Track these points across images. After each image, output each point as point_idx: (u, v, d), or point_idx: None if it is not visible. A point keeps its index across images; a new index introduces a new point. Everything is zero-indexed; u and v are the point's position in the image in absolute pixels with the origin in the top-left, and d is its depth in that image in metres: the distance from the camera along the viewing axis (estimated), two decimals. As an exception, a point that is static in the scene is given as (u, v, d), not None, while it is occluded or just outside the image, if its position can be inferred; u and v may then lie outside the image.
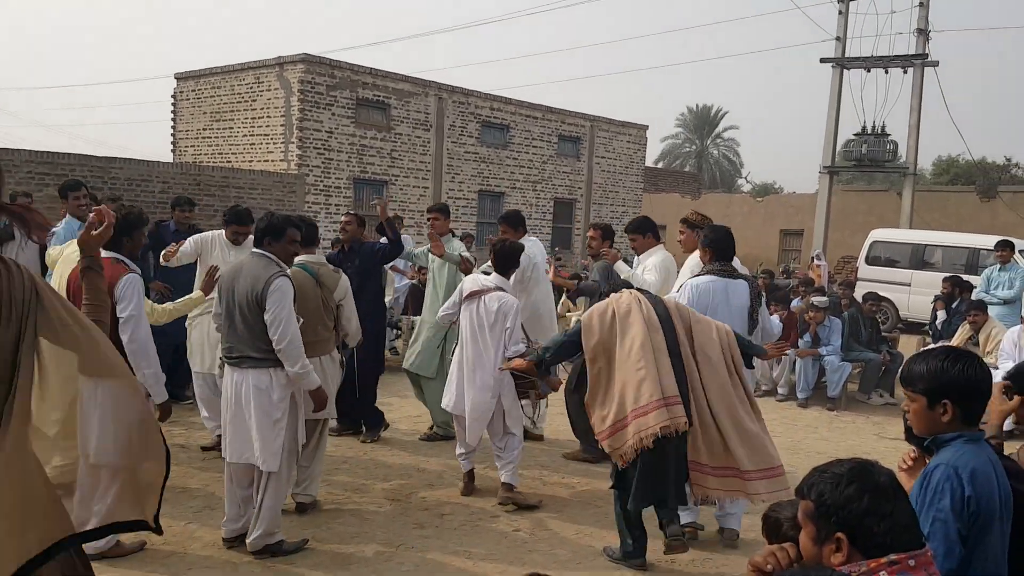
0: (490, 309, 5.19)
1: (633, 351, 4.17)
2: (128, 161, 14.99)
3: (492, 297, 5.21)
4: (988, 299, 9.47)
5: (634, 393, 4.11)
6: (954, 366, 2.27)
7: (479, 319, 5.21)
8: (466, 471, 5.50)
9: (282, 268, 4.30)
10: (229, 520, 4.41)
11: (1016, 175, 34.18)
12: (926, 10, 20.31)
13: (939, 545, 2.12)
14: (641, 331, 4.21)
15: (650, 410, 4.06)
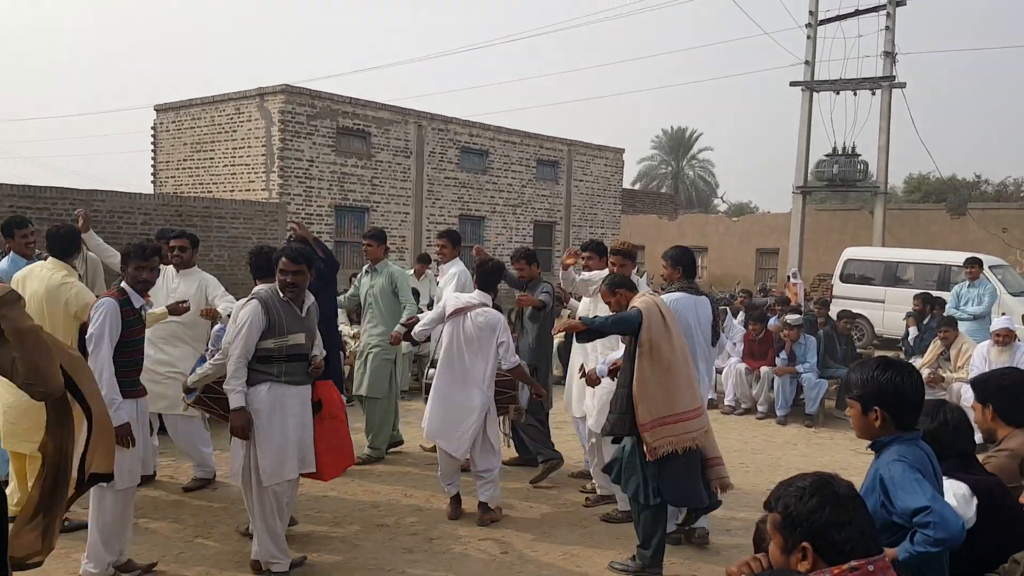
0: (477, 324, 5.31)
1: (679, 354, 4.52)
2: (109, 193, 15.01)
3: (478, 313, 5.35)
4: (958, 315, 9.70)
5: (680, 397, 4.47)
6: (883, 375, 2.45)
7: (466, 335, 5.32)
8: (452, 496, 5.60)
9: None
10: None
11: (986, 192, 34.84)
12: (892, 33, 20.82)
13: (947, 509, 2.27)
14: (681, 335, 4.62)
15: (692, 416, 4.48)
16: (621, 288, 4.94)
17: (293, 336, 4.42)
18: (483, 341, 5.32)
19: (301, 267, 4.42)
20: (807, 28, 21.62)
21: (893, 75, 20.78)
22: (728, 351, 10.34)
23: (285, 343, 4.39)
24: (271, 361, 4.38)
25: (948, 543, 2.24)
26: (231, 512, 5.47)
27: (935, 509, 2.23)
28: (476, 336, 5.32)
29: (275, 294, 4.46)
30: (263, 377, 4.37)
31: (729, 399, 9.89)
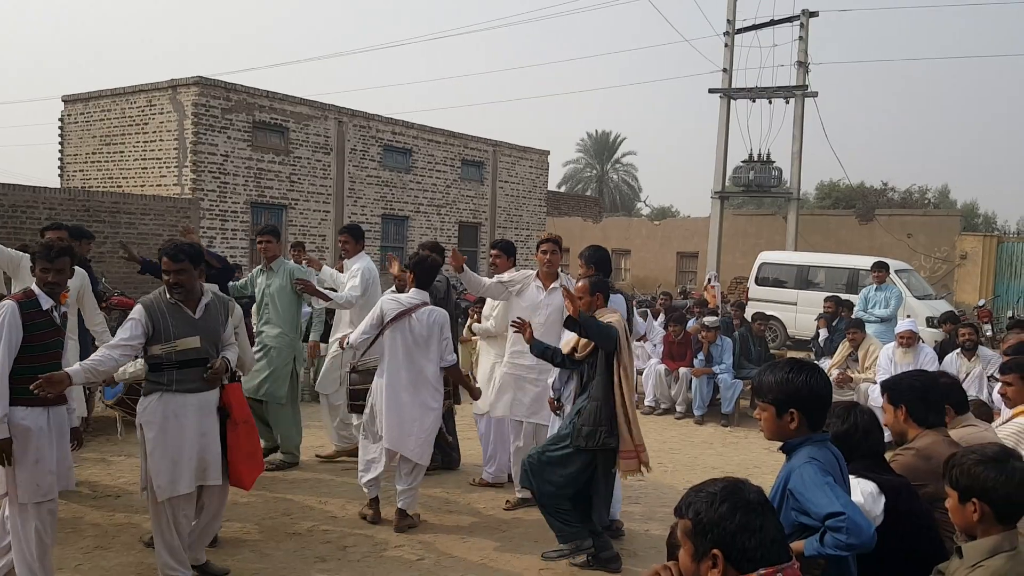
0: (425, 323, 5.19)
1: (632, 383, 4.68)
2: (11, 187, 14.26)
3: (422, 312, 5.22)
4: (866, 318, 10.04)
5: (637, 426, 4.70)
6: (798, 376, 2.47)
7: (412, 337, 5.18)
8: (372, 497, 5.45)
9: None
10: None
11: (892, 199, 36.30)
12: (805, 44, 21.47)
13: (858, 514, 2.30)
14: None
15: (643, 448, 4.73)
16: (600, 292, 4.87)
17: (183, 340, 4.14)
18: (431, 340, 5.21)
19: (183, 264, 4.13)
20: (725, 36, 22.11)
21: (806, 84, 21.43)
22: (648, 352, 10.46)
23: (174, 348, 4.13)
24: (161, 369, 4.14)
25: (858, 548, 2.27)
26: (134, 522, 5.22)
27: (848, 515, 2.26)
28: (425, 336, 5.20)
29: (162, 296, 4.21)
30: (153, 387, 4.15)
31: (649, 399, 10.00)
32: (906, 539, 2.67)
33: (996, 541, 2.37)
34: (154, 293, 4.25)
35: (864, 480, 2.71)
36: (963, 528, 2.47)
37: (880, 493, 2.67)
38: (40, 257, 4.04)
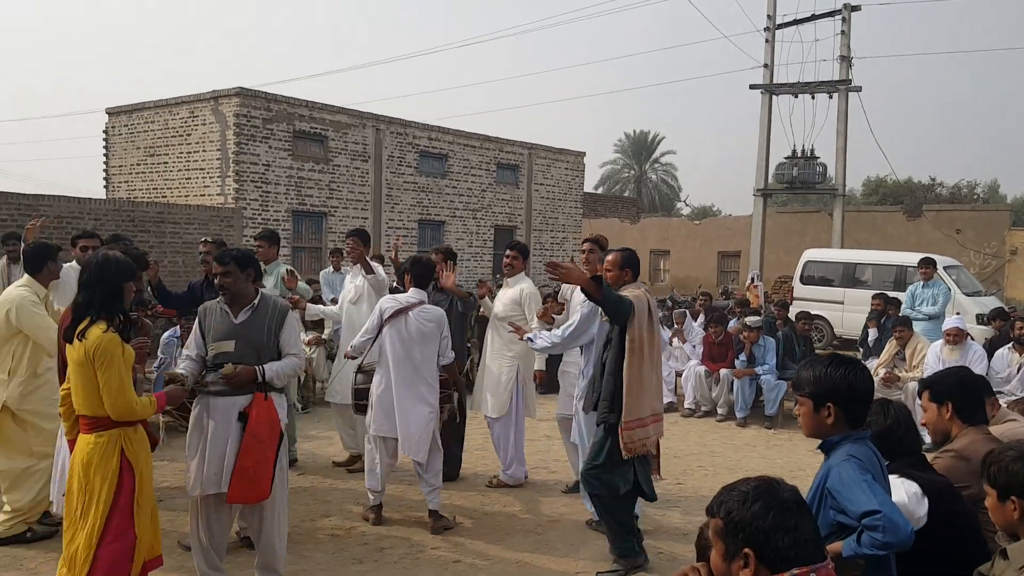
0: (422, 321, 5.27)
1: (656, 358, 4.63)
2: (58, 198, 14.62)
3: (420, 310, 5.30)
4: (913, 315, 9.78)
5: (653, 401, 4.62)
6: (837, 371, 2.39)
7: (411, 334, 5.25)
8: (376, 504, 5.47)
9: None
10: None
11: (940, 194, 35.50)
12: (848, 38, 21.08)
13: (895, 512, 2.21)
14: (658, 340, 4.68)
15: (660, 420, 4.69)
16: (629, 268, 4.85)
17: (218, 344, 4.16)
18: (428, 338, 5.29)
19: (228, 267, 4.15)
20: (765, 32, 21.81)
21: (849, 79, 21.04)
22: (688, 353, 10.32)
23: (211, 351, 4.18)
24: (204, 370, 4.20)
25: (895, 547, 2.18)
26: (176, 525, 5.27)
27: (885, 513, 2.17)
28: (421, 333, 5.27)
29: (219, 300, 4.29)
30: (200, 388, 4.20)
31: (689, 402, 9.85)
32: (949, 541, 2.56)
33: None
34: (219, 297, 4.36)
35: (907, 480, 2.61)
36: (1004, 527, 2.38)
37: (923, 495, 2.57)
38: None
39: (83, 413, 3.49)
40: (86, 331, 3.43)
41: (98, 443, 3.46)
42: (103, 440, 3.47)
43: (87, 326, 3.44)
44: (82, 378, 3.44)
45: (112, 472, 3.46)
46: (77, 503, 3.46)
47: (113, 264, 3.60)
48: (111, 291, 3.53)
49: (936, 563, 2.53)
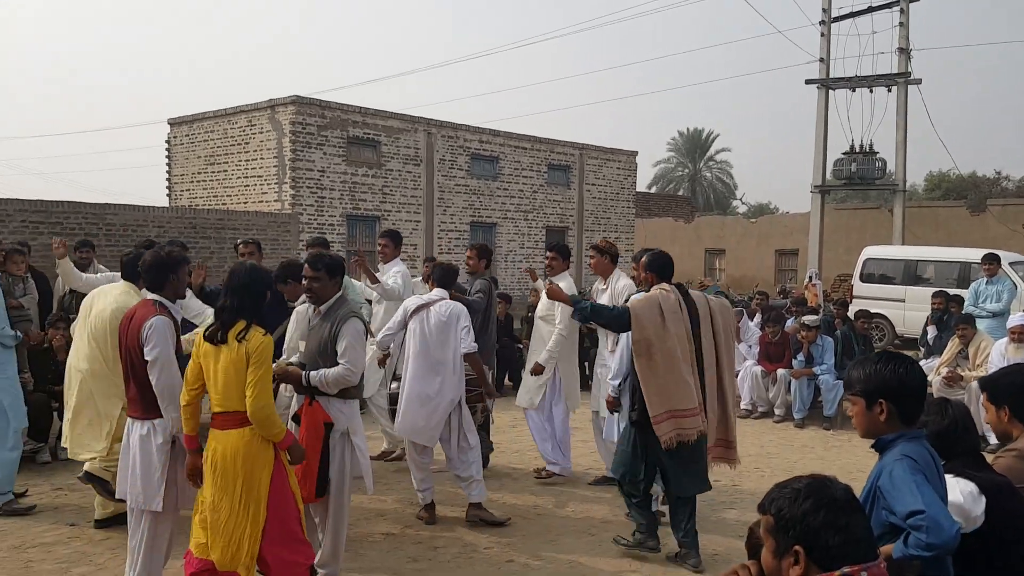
0: (442, 314, 5.46)
1: (677, 355, 4.67)
2: (123, 207, 15.11)
3: (440, 305, 5.51)
4: (977, 313, 9.50)
5: (677, 394, 4.65)
6: (886, 367, 2.36)
7: (431, 327, 5.44)
8: (427, 503, 5.59)
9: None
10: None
11: (1007, 188, 34.40)
12: (906, 29, 20.58)
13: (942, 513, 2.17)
14: (682, 336, 4.72)
15: (688, 415, 4.66)
16: (652, 272, 4.98)
17: (298, 344, 4.66)
18: (448, 330, 5.46)
19: (318, 273, 4.40)
20: (821, 25, 21.41)
21: (908, 71, 20.53)
22: (744, 353, 10.19)
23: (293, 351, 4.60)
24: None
25: (939, 549, 2.14)
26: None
27: (929, 513, 2.14)
28: (441, 326, 5.45)
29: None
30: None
31: (745, 402, 9.72)
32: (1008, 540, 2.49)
33: None
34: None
35: (963, 480, 2.55)
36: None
37: (980, 493, 2.51)
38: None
39: (234, 409, 3.68)
40: (246, 334, 3.68)
41: (254, 434, 3.69)
42: (255, 432, 3.71)
43: (245, 329, 3.69)
44: (235, 377, 3.66)
45: (269, 462, 3.73)
46: (236, 492, 3.65)
47: (260, 273, 3.97)
48: (258, 297, 3.83)
49: (994, 563, 2.47)
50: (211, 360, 3.70)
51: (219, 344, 3.68)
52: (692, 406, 4.67)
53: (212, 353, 3.70)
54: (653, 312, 4.69)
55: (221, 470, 3.67)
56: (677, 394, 4.66)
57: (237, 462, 3.67)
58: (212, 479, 3.70)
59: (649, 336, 4.64)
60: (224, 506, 3.67)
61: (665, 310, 4.70)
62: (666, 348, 4.66)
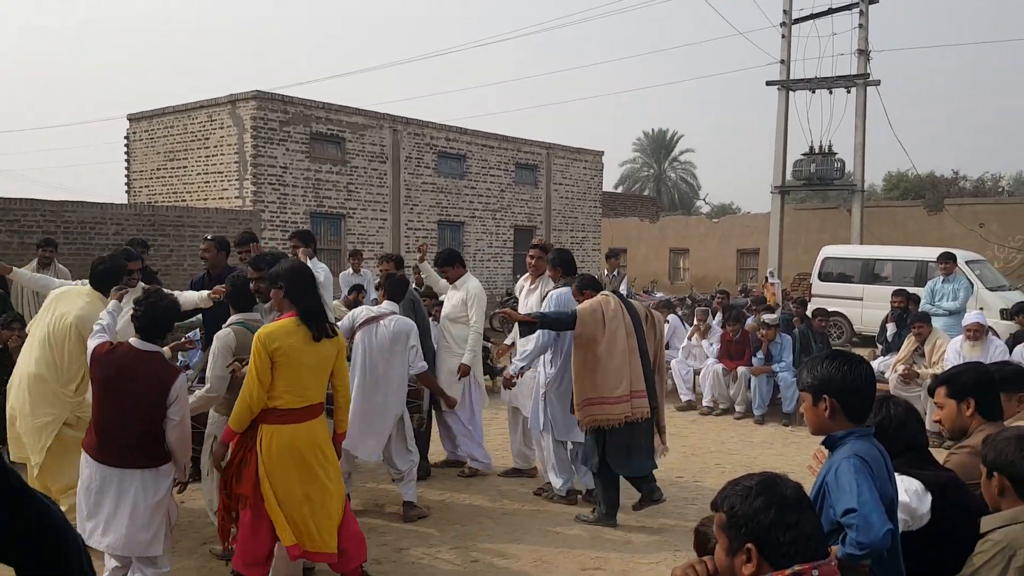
0: (391, 331, 5.43)
1: (616, 349, 5.35)
2: (81, 204, 14.82)
3: (389, 320, 5.47)
4: (933, 311, 9.68)
5: (611, 383, 5.32)
6: (832, 364, 2.41)
7: (379, 342, 5.42)
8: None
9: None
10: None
11: (964, 188, 35.10)
12: (866, 31, 20.94)
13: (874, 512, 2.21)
14: (623, 333, 5.39)
15: (619, 402, 5.31)
16: (588, 290, 5.71)
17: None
18: (396, 347, 5.44)
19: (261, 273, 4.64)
20: (781, 27, 21.72)
21: (867, 73, 20.90)
22: (705, 351, 10.30)
23: None
24: None
25: (869, 548, 2.17)
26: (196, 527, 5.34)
27: (861, 512, 2.18)
28: (389, 342, 5.42)
29: None
30: None
31: (707, 400, 9.84)
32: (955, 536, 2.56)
33: (1013, 513, 2.36)
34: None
35: (907, 477, 2.61)
36: (992, 505, 2.46)
37: (926, 490, 2.57)
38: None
39: (317, 401, 4.02)
40: (333, 330, 4.07)
41: (323, 422, 4.09)
42: (324, 419, 4.10)
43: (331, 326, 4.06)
44: (324, 370, 4.04)
45: (331, 443, 4.15)
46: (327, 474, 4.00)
47: (305, 268, 4.25)
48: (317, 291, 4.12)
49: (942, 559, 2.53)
50: (303, 357, 3.89)
51: (320, 340, 3.93)
52: (621, 394, 5.30)
53: (308, 351, 3.91)
54: (596, 315, 5.40)
55: (314, 460, 3.94)
56: (605, 384, 5.32)
57: (327, 448, 4.04)
58: (299, 472, 3.90)
59: (588, 332, 5.36)
60: (319, 493, 3.94)
61: (605, 312, 5.41)
62: (604, 344, 5.34)
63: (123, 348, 3.98)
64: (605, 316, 5.41)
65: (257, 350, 3.82)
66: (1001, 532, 2.34)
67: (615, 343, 5.37)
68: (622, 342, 5.38)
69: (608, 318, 5.41)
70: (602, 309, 5.44)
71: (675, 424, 9.15)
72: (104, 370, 3.92)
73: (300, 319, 3.92)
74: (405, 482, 5.59)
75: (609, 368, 5.33)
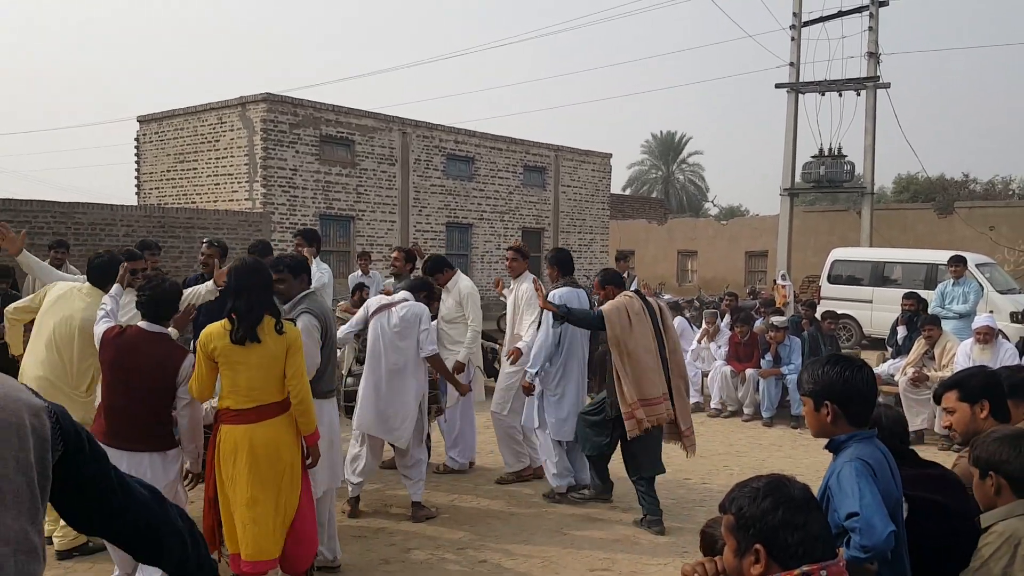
0: (402, 316, 5.47)
1: (643, 351, 5.40)
2: (91, 206, 14.91)
3: (402, 306, 5.53)
4: (943, 314, 9.64)
5: (650, 384, 5.38)
6: (834, 369, 2.41)
7: (391, 328, 5.45)
8: (353, 496, 5.68)
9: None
10: None
11: (974, 191, 34.94)
12: (875, 34, 20.87)
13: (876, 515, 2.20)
14: (647, 334, 5.46)
15: (660, 402, 5.40)
16: (610, 285, 5.80)
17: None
18: (408, 331, 5.48)
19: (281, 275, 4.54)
20: (791, 30, 21.66)
21: (877, 75, 20.82)
22: (714, 354, 10.28)
23: None
24: None
25: (872, 551, 2.18)
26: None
27: (863, 515, 2.18)
28: (401, 327, 5.46)
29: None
30: None
31: (715, 402, 9.83)
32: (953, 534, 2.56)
33: (1011, 507, 2.38)
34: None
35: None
36: (985, 505, 2.48)
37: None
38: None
39: (271, 401, 3.89)
40: (281, 327, 3.90)
41: (286, 422, 3.92)
42: (289, 420, 3.94)
43: (278, 324, 3.90)
44: (272, 369, 3.86)
45: (298, 448, 4.00)
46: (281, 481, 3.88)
47: (260, 266, 4.09)
48: (269, 290, 4.01)
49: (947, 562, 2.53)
50: (240, 359, 3.81)
51: (252, 343, 3.79)
52: (660, 394, 5.39)
53: (241, 352, 3.80)
54: (622, 315, 5.40)
55: (265, 461, 3.81)
56: (647, 385, 5.35)
57: (280, 450, 3.87)
58: (247, 474, 3.79)
59: (618, 334, 5.36)
60: (267, 497, 3.82)
61: (631, 312, 5.43)
62: (637, 345, 5.37)
63: (132, 331, 4.08)
64: (631, 316, 5.43)
65: (199, 350, 3.90)
66: (1004, 524, 2.36)
67: (648, 343, 5.42)
68: (645, 342, 5.43)
69: (634, 320, 5.42)
70: (627, 309, 5.46)
71: (683, 426, 9.18)
72: (114, 352, 4.04)
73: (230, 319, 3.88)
74: (413, 483, 5.61)
75: (647, 369, 5.38)
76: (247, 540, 3.83)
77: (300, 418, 3.93)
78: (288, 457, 3.91)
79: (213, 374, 3.87)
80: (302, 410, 3.92)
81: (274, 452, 3.85)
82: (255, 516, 3.81)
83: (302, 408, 3.92)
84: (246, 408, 3.83)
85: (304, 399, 3.91)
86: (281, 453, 3.88)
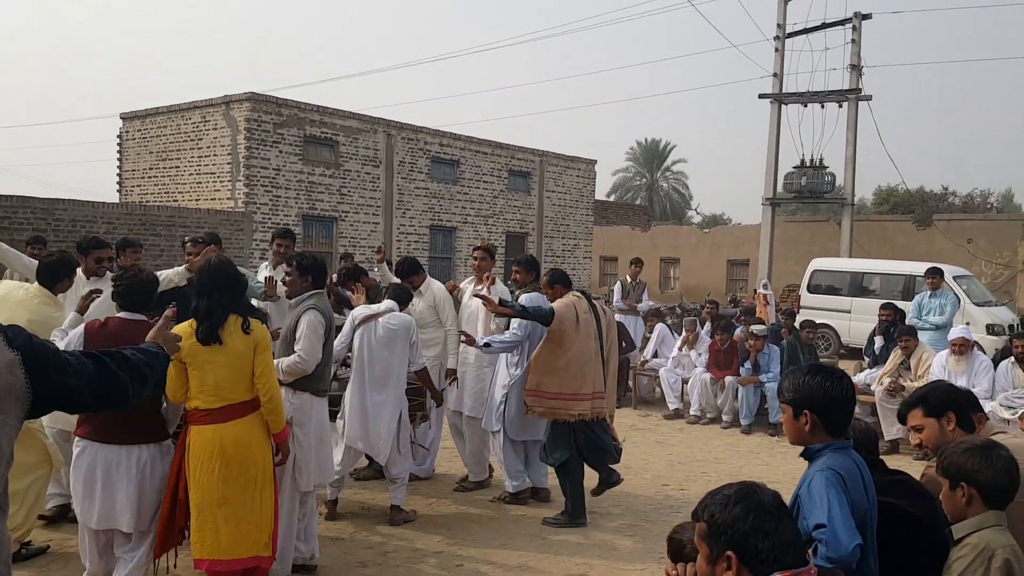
0: (389, 327, 5.46)
1: (587, 349, 5.62)
2: (72, 202, 14.80)
3: (389, 317, 5.52)
4: (920, 325, 9.75)
5: (577, 381, 5.55)
6: (813, 379, 2.44)
7: (378, 339, 5.44)
8: (333, 499, 5.66)
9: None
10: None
11: (953, 203, 35.31)
12: (858, 46, 21.07)
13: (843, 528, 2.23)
14: (591, 334, 5.67)
15: (582, 399, 5.57)
16: (558, 284, 5.95)
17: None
18: (395, 343, 5.47)
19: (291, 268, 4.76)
20: (775, 41, 21.83)
21: (859, 88, 21.02)
22: (694, 361, 10.35)
23: None
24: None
25: (838, 563, 2.20)
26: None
27: (830, 527, 2.21)
28: (388, 339, 5.45)
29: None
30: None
31: (695, 409, 9.88)
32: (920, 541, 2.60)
33: (983, 518, 2.41)
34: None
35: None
36: (954, 515, 2.50)
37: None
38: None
39: (240, 400, 3.87)
40: (248, 327, 3.88)
41: (255, 422, 3.92)
42: (258, 419, 3.94)
43: (244, 323, 3.88)
44: (241, 368, 3.85)
45: (268, 446, 3.99)
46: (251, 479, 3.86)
47: (227, 266, 4.03)
48: (236, 289, 3.97)
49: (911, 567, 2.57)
50: (207, 358, 3.80)
51: (214, 344, 3.78)
52: (585, 392, 5.55)
53: (207, 352, 3.79)
54: (571, 313, 5.60)
55: (235, 461, 3.80)
56: (571, 381, 5.53)
57: (252, 449, 3.87)
58: (218, 474, 3.78)
59: (562, 329, 5.53)
60: (237, 496, 3.81)
61: (579, 312, 5.64)
62: (575, 343, 5.56)
63: (114, 321, 4.06)
64: (579, 316, 5.62)
65: None
66: (977, 536, 2.38)
67: (587, 343, 5.63)
68: (592, 343, 5.66)
69: (581, 319, 5.62)
70: (576, 308, 5.66)
71: (662, 432, 9.20)
72: (101, 345, 3.93)
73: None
74: (396, 487, 5.60)
75: (576, 366, 5.56)
76: (219, 540, 3.81)
77: (270, 416, 3.94)
78: (260, 456, 3.92)
79: (183, 374, 3.84)
80: (271, 408, 3.92)
81: (245, 452, 3.85)
82: (226, 515, 3.80)
83: (272, 406, 3.92)
84: (215, 408, 3.82)
85: (273, 397, 3.92)
86: (252, 452, 3.88)
